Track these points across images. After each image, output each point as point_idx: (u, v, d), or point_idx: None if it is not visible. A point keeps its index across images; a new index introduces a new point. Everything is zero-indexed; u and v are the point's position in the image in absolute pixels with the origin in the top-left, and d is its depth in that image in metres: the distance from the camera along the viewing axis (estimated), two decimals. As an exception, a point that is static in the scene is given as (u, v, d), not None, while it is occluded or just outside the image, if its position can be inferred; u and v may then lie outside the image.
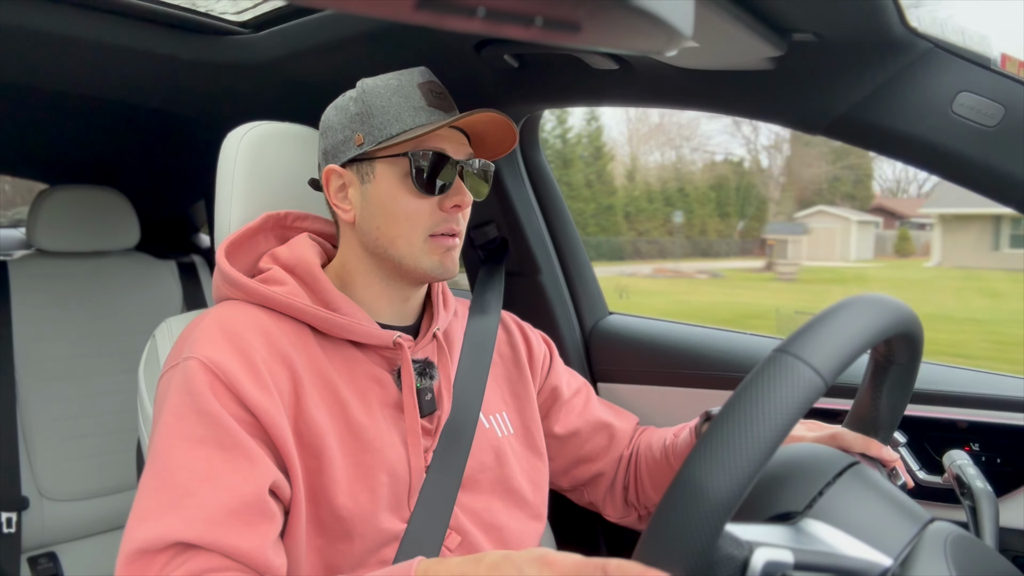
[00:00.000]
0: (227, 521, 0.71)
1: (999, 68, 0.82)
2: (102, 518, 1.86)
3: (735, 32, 0.78)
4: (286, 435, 0.78)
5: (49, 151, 2.32)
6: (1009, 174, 0.82)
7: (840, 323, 0.57)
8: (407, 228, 0.89)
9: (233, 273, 0.89)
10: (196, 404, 0.76)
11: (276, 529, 0.76)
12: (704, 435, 0.53)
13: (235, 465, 0.74)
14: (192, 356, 0.79)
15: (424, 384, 0.93)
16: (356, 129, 0.91)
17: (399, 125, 0.88)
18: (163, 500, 0.72)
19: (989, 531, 0.72)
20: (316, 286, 0.90)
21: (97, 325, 1.94)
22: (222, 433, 0.75)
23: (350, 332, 0.88)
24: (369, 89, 0.92)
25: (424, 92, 0.90)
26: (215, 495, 0.72)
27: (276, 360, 0.82)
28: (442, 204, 0.90)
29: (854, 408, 0.84)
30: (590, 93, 1.17)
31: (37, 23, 1.12)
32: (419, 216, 0.89)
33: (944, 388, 1.07)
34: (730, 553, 0.53)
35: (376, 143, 0.89)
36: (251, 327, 0.83)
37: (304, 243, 0.95)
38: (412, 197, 0.89)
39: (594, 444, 1.13)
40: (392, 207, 0.89)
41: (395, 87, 0.90)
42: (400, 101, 0.89)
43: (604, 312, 1.51)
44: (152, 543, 0.69)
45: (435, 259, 0.91)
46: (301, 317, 0.87)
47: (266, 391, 0.79)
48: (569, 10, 0.29)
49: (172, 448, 0.75)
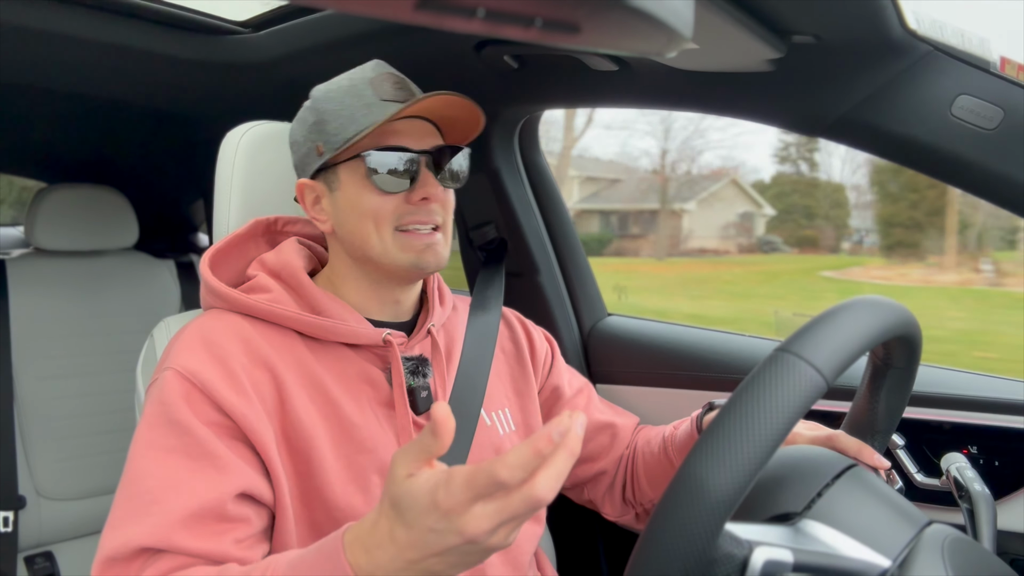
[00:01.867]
0: (184, 524, 0.72)
1: (998, 71, 0.82)
2: (99, 517, 1.85)
3: (735, 34, 0.78)
4: (267, 439, 0.79)
5: (48, 150, 2.32)
6: (1008, 177, 0.82)
7: (842, 323, 0.57)
8: (375, 226, 0.88)
9: (214, 282, 0.89)
10: (168, 414, 0.77)
11: (246, 530, 0.76)
12: (705, 432, 0.53)
13: (202, 473, 0.75)
14: (169, 367, 0.80)
15: (417, 382, 0.92)
16: (315, 139, 0.90)
17: (353, 127, 0.87)
18: (131, 508, 0.73)
19: (987, 534, 0.72)
20: (301, 290, 0.90)
21: (95, 324, 1.94)
22: (192, 443, 0.76)
23: (336, 334, 0.88)
24: (320, 96, 0.91)
25: (376, 86, 0.88)
26: (177, 500, 0.73)
27: (257, 367, 0.83)
28: (409, 198, 0.88)
29: (851, 412, 0.84)
30: (590, 94, 1.17)
31: (36, 22, 1.11)
32: (383, 213, 0.88)
33: (942, 391, 1.07)
34: (730, 552, 0.53)
35: (335, 149, 0.88)
36: (230, 335, 0.84)
37: (290, 248, 0.95)
38: (375, 195, 0.87)
39: (596, 443, 1.13)
40: (359, 209, 0.88)
41: (346, 88, 0.89)
42: (352, 101, 0.88)
43: (603, 313, 1.51)
44: (119, 551, 0.71)
45: (411, 255, 0.88)
46: (284, 323, 0.87)
47: (244, 396, 0.79)
48: (569, 11, 0.29)
49: (143, 458, 0.76)
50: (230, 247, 0.96)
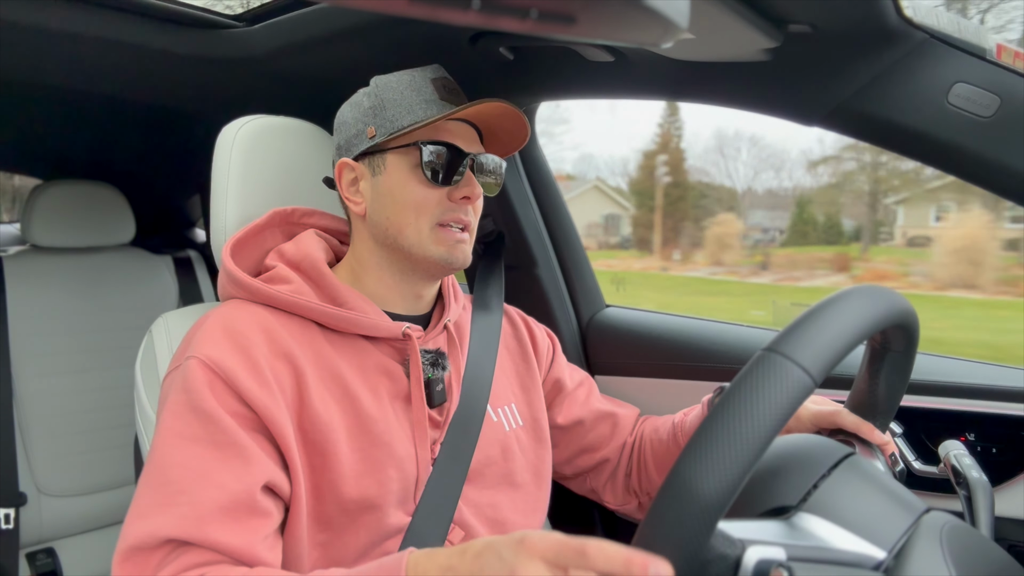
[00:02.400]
0: (216, 518, 0.72)
1: (995, 59, 0.81)
2: (100, 513, 1.86)
3: (731, 23, 0.77)
4: (287, 431, 0.79)
5: (43, 146, 2.31)
6: (1005, 165, 0.82)
7: (829, 319, 0.57)
8: (415, 216, 0.90)
9: (237, 273, 0.89)
10: (193, 403, 0.77)
11: (270, 525, 0.76)
12: (694, 435, 0.53)
13: (228, 463, 0.75)
14: (193, 355, 0.80)
15: (436, 375, 0.93)
16: (368, 122, 0.93)
17: (411, 117, 0.90)
18: (157, 498, 0.73)
19: (984, 520, 0.72)
20: (322, 282, 0.90)
21: (93, 321, 1.94)
22: (217, 431, 0.76)
23: (357, 326, 0.88)
24: (382, 84, 0.94)
25: (436, 87, 0.92)
26: (206, 492, 0.72)
27: (278, 358, 0.83)
28: (451, 195, 0.91)
29: (852, 395, 0.84)
30: (586, 85, 1.17)
31: (29, 18, 1.11)
32: (427, 205, 0.90)
33: (940, 379, 1.07)
34: (722, 552, 0.53)
35: (388, 134, 0.90)
36: (253, 325, 0.84)
37: (310, 239, 0.95)
38: (422, 186, 0.90)
39: (597, 433, 1.14)
40: (402, 196, 0.90)
41: (408, 82, 0.92)
42: (412, 95, 0.91)
43: (601, 305, 1.51)
44: (145, 541, 0.70)
45: (443, 249, 0.91)
46: (306, 314, 0.88)
47: (266, 387, 0.79)
48: (564, 2, 0.29)
49: (169, 446, 0.76)
50: (248, 237, 0.96)
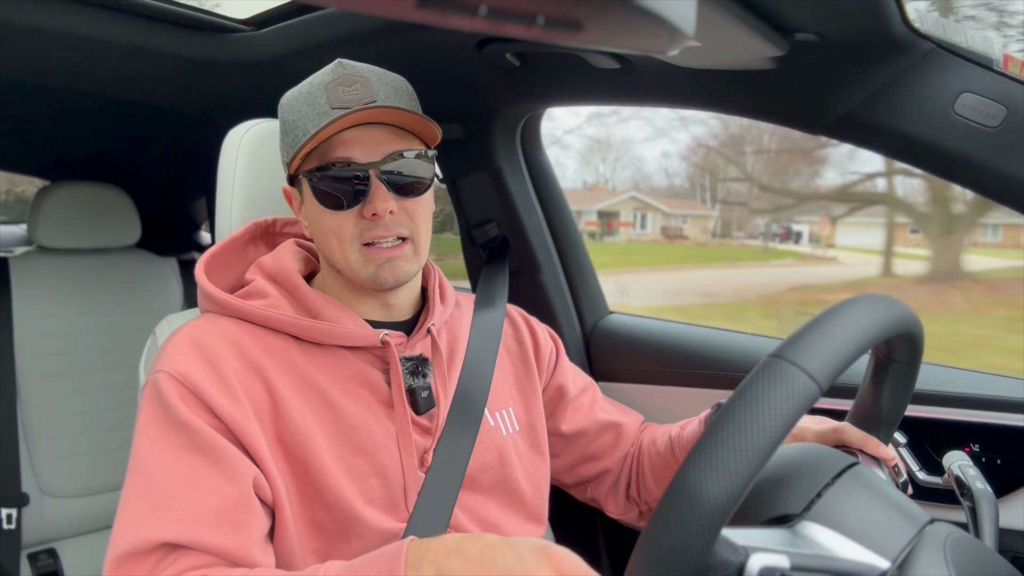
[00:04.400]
0: (211, 520, 0.72)
1: (1001, 69, 0.81)
2: (102, 514, 1.86)
3: (737, 32, 0.78)
4: (258, 443, 0.79)
5: (51, 148, 2.32)
6: (1011, 175, 0.82)
7: (837, 326, 0.57)
8: (337, 242, 0.86)
9: (208, 287, 0.89)
10: (170, 416, 0.77)
11: (263, 526, 0.76)
12: (699, 441, 0.53)
13: (218, 467, 0.75)
14: (161, 369, 0.80)
15: (417, 382, 0.91)
16: (283, 149, 0.90)
17: (304, 136, 0.84)
18: (147, 505, 0.73)
19: (989, 532, 0.72)
20: (296, 293, 0.89)
21: (98, 322, 1.94)
22: (199, 439, 0.76)
23: (332, 337, 0.87)
24: (284, 104, 0.89)
25: (330, 92, 0.83)
26: (199, 496, 0.73)
27: (248, 371, 0.82)
28: (363, 212, 0.84)
29: (856, 405, 0.84)
30: (592, 92, 1.17)
31: (39, 20, 1.11)
32: (343, 229, 0.84)
33: (944, 389, 1.06)
34: (726, 558, 0.53)
35: (290, 160, 0.86)
36: (221, 340, 0.83)
37: (286, 251, 0.94)
38: (328, 213, 0.85)
39: (601, 442, 1.12)
40: (320, 225, 0.87)
41: (305, 94, 0.86)
42: (307, 110, 0.84)
43: (604, 311, 1.51)
44: (138, 546, 0.70)
45: (371, 269, 0.85)
46: (279, 328, 0.86)
47: (235, 400, 0.79)
48: (571, 9, 0.29)
49: (153, 455, 0.76)
50: (226, 251, 0.95)
